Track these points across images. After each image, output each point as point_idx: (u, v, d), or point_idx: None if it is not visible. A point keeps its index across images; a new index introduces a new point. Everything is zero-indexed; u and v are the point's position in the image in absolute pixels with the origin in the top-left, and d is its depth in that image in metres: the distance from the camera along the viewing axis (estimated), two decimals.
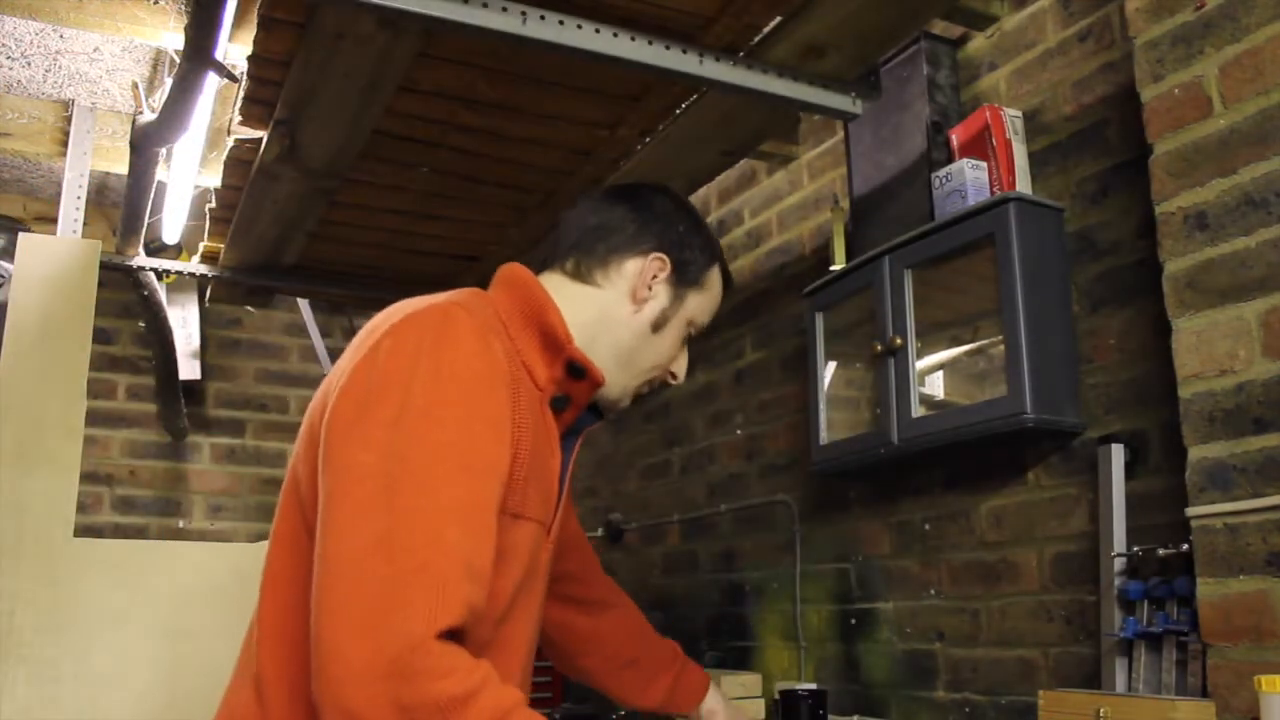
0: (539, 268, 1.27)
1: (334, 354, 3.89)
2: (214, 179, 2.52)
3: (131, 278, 3.11)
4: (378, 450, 0.94)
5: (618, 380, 1.24)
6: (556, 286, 1.23)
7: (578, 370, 1.16)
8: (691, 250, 1.27)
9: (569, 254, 1.26)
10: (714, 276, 1.31)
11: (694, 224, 1.30)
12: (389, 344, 1.01)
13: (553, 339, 1.16)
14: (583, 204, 1.31)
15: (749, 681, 2.42)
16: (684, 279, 1.26)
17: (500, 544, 1.01)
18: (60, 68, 2.93)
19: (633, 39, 1.73)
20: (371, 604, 0.88)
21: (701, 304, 1.29)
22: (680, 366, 1.31)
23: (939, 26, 2.17)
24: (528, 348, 1.14)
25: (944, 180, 1.99)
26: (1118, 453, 1.73)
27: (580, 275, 1.24)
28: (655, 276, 1.24)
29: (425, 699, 0.87)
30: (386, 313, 1.11)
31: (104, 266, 2.65)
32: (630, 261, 1.24)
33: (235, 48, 2.05)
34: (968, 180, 1.94)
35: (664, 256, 1.25)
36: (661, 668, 1.56)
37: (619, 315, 1.23)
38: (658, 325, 1.25)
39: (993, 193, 1.93)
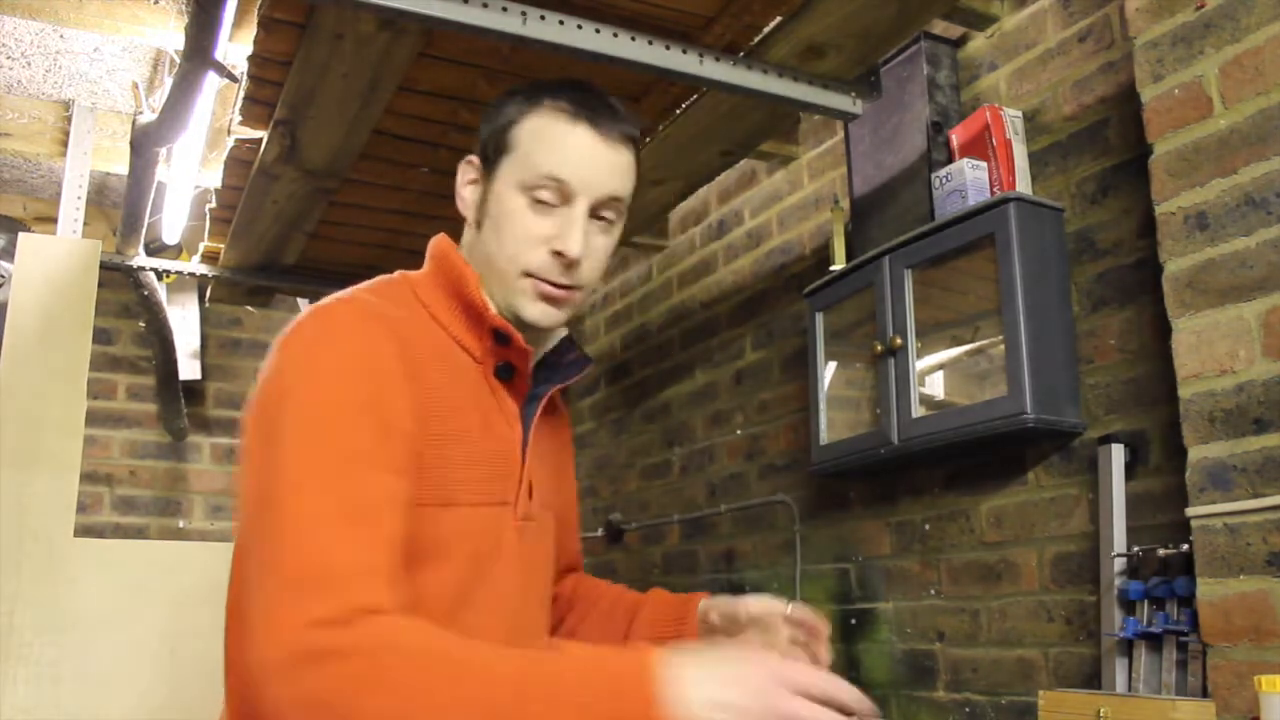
0: None
1: None
2: (214, 179, 2.52)
3: (131, 278, 3.11)
4: (258, 464, 0.94)
5: (496, 293, 1.10)
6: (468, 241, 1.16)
7: (503, 337, 1.08)
8: (492, 124, 1.11)
9: None
10: (529, 123, 1.08)
11: (504, 97, 1.12)
12: (275, 355, 1.00)
13: (472, 307, 1.09)
14: None
15: None
16: (489, 160, 1.10)
17: (428, 537, 0.97)
18: (60, 68, 2.93)
19: (633, 39, 1.73)
20: (250, 607, 0.88)
21: (519, 161, 1.07)
22: (567, 243, 1.06)
23: (939, 26, 2.17)
24: (455, 323, 1.09)
25: (944, 180, 1.99)
26: (1118, 453, 1.73)
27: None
28: (468, 182, 1.13)
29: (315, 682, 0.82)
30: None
31: (104, 266, 2.65)
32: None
33: (235, 48, 2.05)
34: (968, 180, 1.94)
35: (472, 159, 1.13)
36: (632, 601, 1.31)
37: (470, 237, 1.14)
38: (479, 220, 1.11)
39: (993, 193, 1.93)
